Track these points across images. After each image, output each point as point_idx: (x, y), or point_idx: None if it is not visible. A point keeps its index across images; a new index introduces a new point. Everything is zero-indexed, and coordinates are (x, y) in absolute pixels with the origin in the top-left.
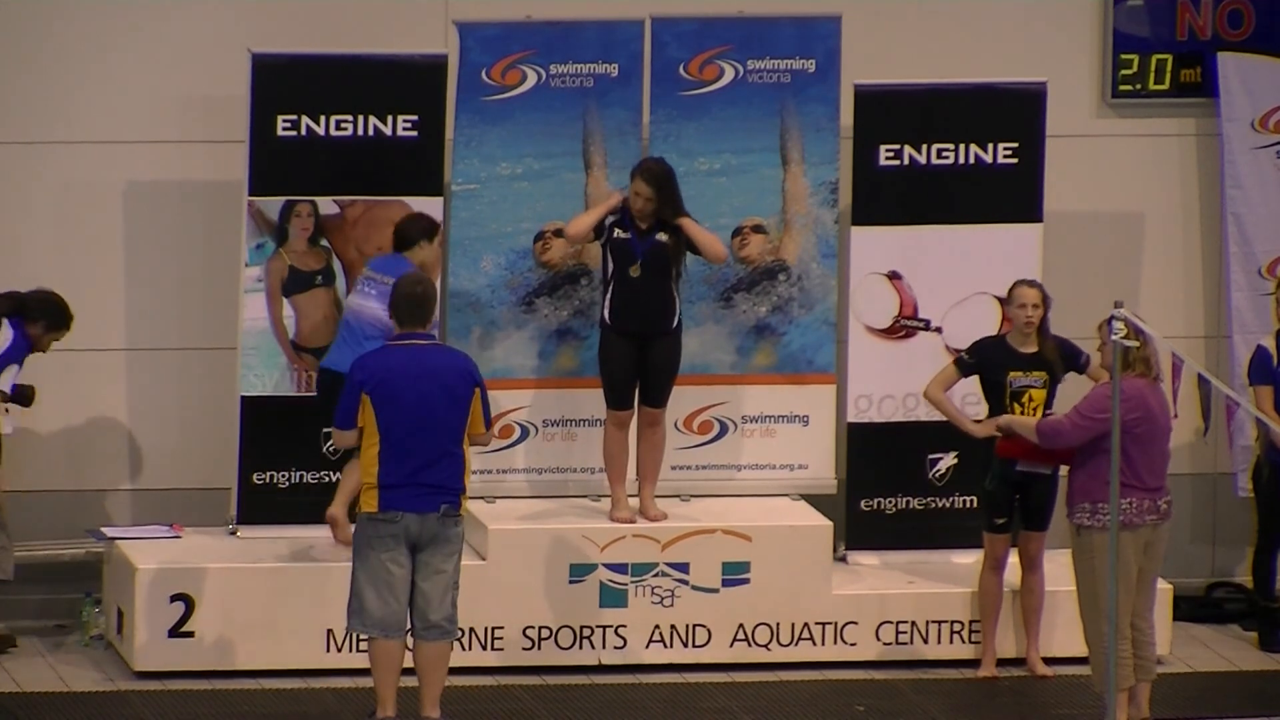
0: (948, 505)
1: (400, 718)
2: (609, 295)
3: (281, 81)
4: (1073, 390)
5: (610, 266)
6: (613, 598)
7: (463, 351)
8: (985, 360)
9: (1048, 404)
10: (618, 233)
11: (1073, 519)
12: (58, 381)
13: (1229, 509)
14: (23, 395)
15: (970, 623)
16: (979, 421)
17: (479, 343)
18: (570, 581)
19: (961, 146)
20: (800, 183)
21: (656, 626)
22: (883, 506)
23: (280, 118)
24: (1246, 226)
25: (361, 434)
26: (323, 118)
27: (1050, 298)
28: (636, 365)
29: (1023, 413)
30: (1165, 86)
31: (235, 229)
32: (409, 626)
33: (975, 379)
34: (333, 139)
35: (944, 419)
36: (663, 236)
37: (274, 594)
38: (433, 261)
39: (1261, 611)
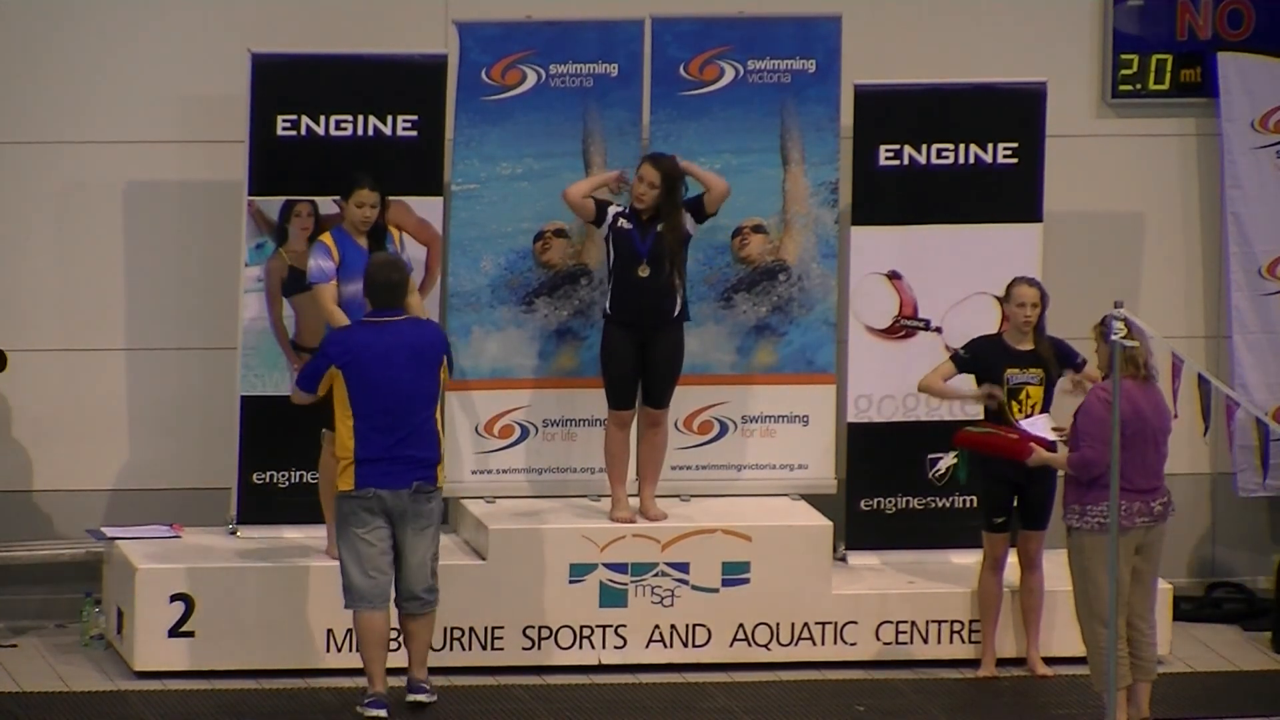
0: (947, 505)
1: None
2: (611, 287)
3: (281, 81)
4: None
5: (613, 257)
6: (613, 598)
7: (433, 321)
8: (982, 357)
9: (1045, 402)
10: (621, 223)
11: (1065, 520)
12: (58, 381)
13: (1229, 509)
14: None
15: (970, 623)
16: (982, 425)
17: (479, 343)
18: (570, 581)
19: (961, 146)
20: (800, 183)
21: (656, 626)
22: (883, 506)
23: (280, 118)
24: (1246, 226)
25: (332, 401)
26: (323, 118)
27: (1048, 297)
28: (638, 363)
29: (1019, 410)
30: (1165, 86)
31: (235, 229)
32: (393, 597)
33: (971, 379)
34: (333, 139)
35: (943, 420)
36: (660, 227)
37: (274, 594)
38: None
39: (1277, 613)
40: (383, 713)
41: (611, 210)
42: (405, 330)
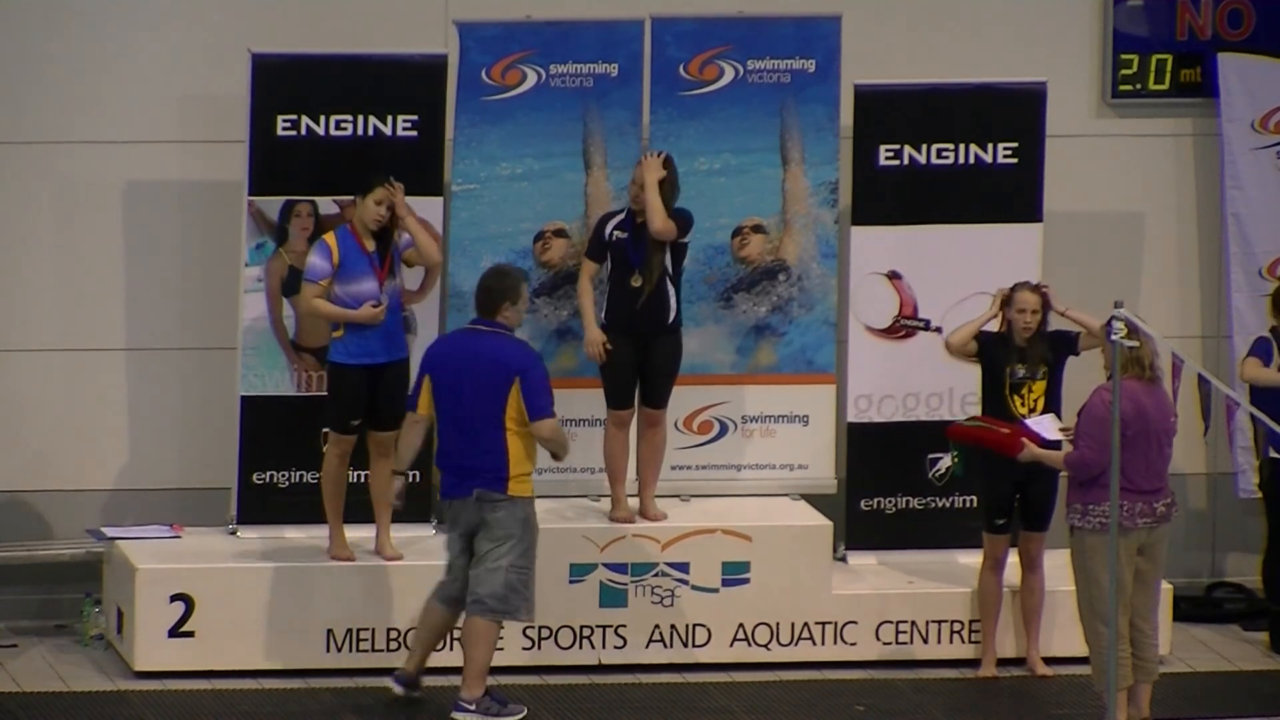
0: (948, 505)
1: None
2: (607, 296)
3: (281, 81)
4: (1073, 389)
5: (609, 267)
6: (613, 598)
7: (515, 340)
8: (987, 351)
9: (1050, 395)
10: (616, 234)
11: (1067, 519)
12: (58, 381)
13: (1229, 509)
14: None
15: (970, 623)
16: (975, 419)
17: None
18: (570, 581)
19: (961, 146)
20: (800, 183)
21: (656, 626)
22: (883, 506)
23: (280, 118)
24: (1246, 226)
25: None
26: (323, 118)
27: (1049, 305)
28: (637, 365)
29: (1022, 404)
30: (1165, 86)
31: (235, 229)
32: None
33: (975, 376)
34: (333, 139)
35: (943, 420)
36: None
37: (274, 594)
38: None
39: (1273, 615)
40: (398, 689)
41: (611, 222)
42: (485, 343)
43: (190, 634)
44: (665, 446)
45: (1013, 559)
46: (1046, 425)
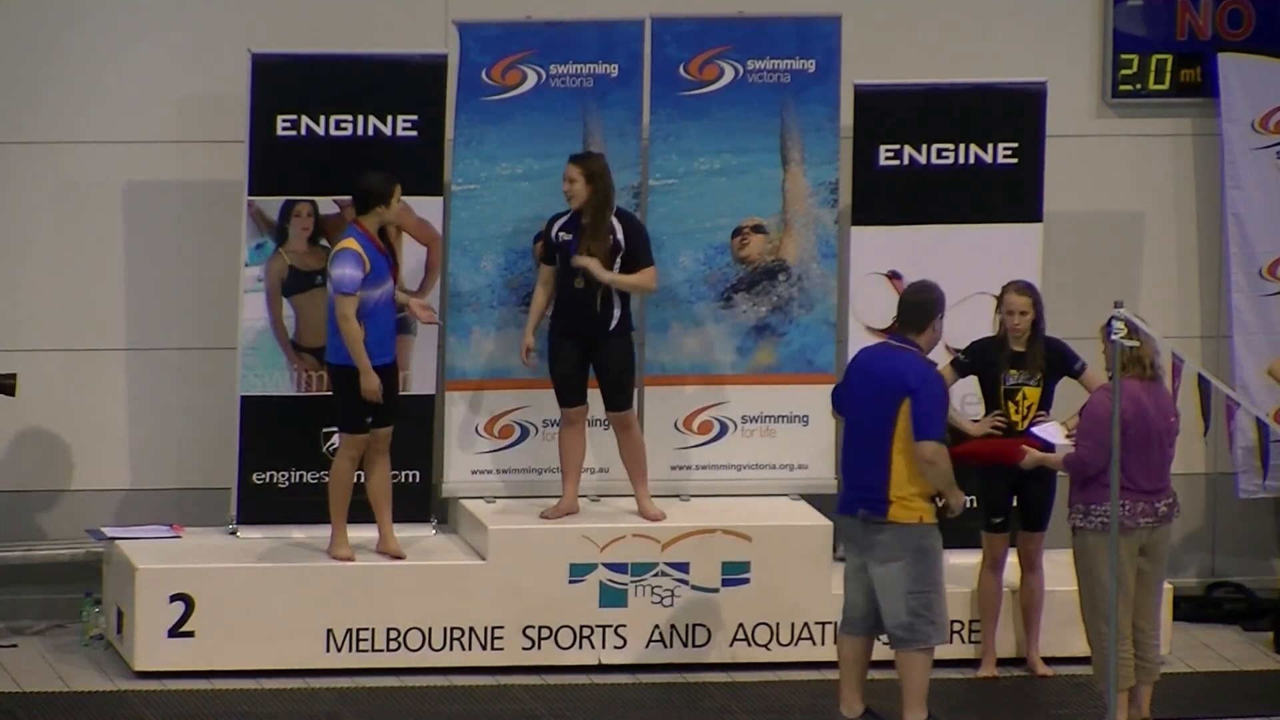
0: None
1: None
2: (555, 297)
3: (281, 81)
4: (1071, 390)
5: (557, 269)
6: (613, 598)
7: (915, 355)
8: (980, 360)
9: (1043, 403)
10: (561, 235)
11: (1069, 519)
12: (58, 381)
13: (1229, 509)
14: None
15: (970, 623)
16: (976, 421)
17: (479, 343)
18: (570, 581)
19: (961, 146)
20: (800, 183)
21: (656, 626)
22: None
23: (280, 118)
24: (1246, 227)
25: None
26: (323, 118)
27: (1042, 301)
28: (582, 364)
29: (1016, 411)
30: (1165, 87)
31: (235, 229)
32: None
33: (974, 379)
34: (333, 139)
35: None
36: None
37: (274, 594)
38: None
39: (1277, 615)
40: None
41: (557, 223)
42: (884, 360)
43: (190, 634)
44: (643, 446)
45: (1012, 559)
46: (1052, 432)
